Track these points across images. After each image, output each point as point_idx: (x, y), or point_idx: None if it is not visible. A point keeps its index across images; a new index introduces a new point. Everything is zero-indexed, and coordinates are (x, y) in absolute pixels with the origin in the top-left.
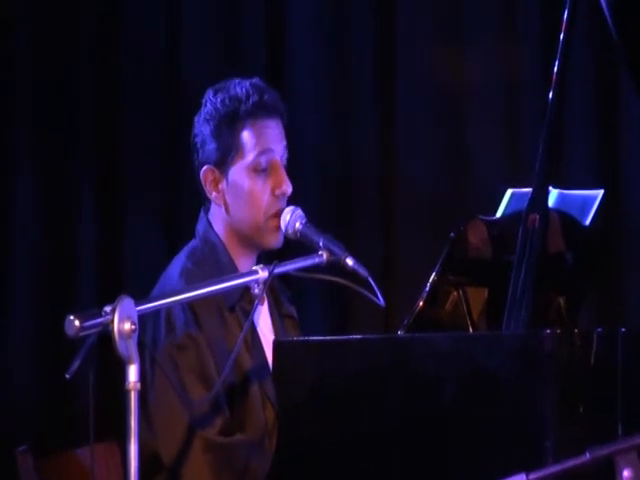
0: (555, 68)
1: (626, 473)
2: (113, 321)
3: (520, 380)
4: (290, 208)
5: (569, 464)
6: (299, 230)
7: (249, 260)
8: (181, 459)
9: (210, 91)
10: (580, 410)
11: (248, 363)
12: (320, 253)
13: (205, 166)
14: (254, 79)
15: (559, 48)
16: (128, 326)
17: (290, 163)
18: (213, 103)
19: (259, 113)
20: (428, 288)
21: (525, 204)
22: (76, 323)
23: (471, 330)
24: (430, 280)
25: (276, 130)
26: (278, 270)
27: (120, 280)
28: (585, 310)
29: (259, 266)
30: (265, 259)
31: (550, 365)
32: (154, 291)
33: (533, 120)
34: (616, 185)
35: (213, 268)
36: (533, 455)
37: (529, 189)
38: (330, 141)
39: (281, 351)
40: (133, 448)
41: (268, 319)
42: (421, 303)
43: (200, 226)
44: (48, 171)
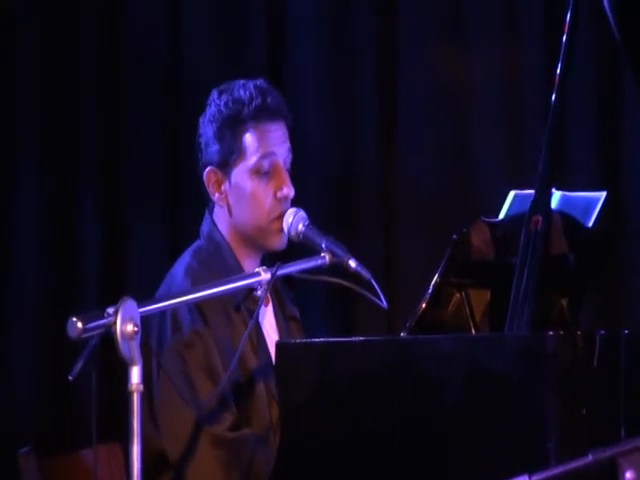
0: (557, 69)
1: (629, 475)
2: (116, 323)
3: (523, 382)
4: (292, 210)
5: (572, 466)
6: (301, 232)
7: (254, 261)
8: (188, 456)
9: (215, 92)
10: (583, 412)
11: (253, 362)
12: (323, 255)
13: (208, 167)
14: (259, 81)
15: (561, 49)
16: (131, 328)
17: (292, 163)
18: (217, 105)
19: (262, 116)
20: (431, 290)
21: (528, 206)
22: (79, 325)
23: (474, 332)
24: (433, 282)
25: (279, 133)
26: (280, 272)
27: (123, 282)
28: (587, 312)
29: (262, 268)
30: (269, 260)
31: (553, 367)
32: (159, 291)
33: (535, 121)
34: (618, 187)
35: (218, 267)
36: (536, 456)
37: (532, 191)
38: (331, 141)
39: (283, 353)
40: (136, 449)
41: (273, 320)
42: (424, 305)
43: (205, 226)
44: (51, 172)
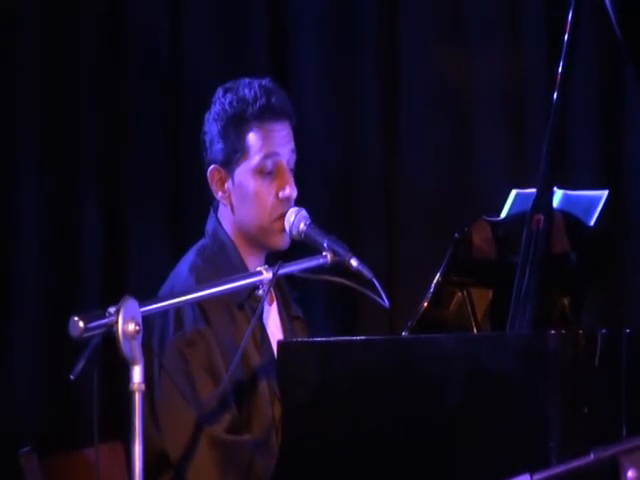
0: (559, 68)
1: (630, 474)
2: (117, 322)
3: (524, 380)
4: (294, 209)
5: (573, 464)
6: (303, 231)
7: (258, 259)
8: (188, 456)
9: (220, 90)
10: (584, 411)
11: (257, 361)
12: (324, 254)
13: (212, 165)
14: (264, 80)
15: (563, 47)
16: (132, 327)
17: (294, 163)
18: (222, 103)
19: (266, 116)
20: (432, 289)
21: (530, 205)
22: (80, 324)
23: (475, 331)
24: (434, 281)
25: (283, 133)
26: (282, 271)
27: (123, 282)
28: (589, 310)
29: (263, 267)
30: (272, 259)
31: (554, 365)
32: (162, 289)
33: (537, 120)
34: (620, 185)
35: (223, 266)
36: (537, 455)
37: (533, 190)
38: (333, 141)
39: (285, 352)
40: (137, 448)
41: (277, 319)
42: (425, 304)
43: (209, 225)
44: (51, 172)
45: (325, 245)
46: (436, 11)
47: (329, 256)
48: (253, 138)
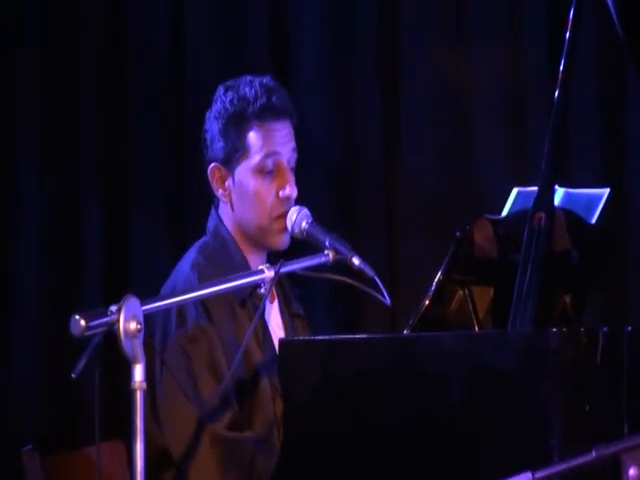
0: (561, 67)
1: (632, 471)
2: (119, 320)
3: (526, 378)
4: (296, 208)
5: (575, 463)
6: (305, 229)
7: (259, 257)
8: (189, 454)
9: (221, 88)
10: (586, 408)
11: (259, 358)
12: (326, 252)
13: (213, 163)
14: (265, 78)
15: (565, 46)
16: (134, 325)
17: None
18: (223, 101)
19: (267, 115)
20: (434, 287)
21: (531, 203)
22: (82, 323)
23: (477, 329)
24: (436, 279)
25: (283, 132)
26: (284, 269)
27: (125, 281)
28: (590, 308)
29: (265, 265)
30: (273, 257)
31: (556, 363)
32: (164, 287)
33: (539, 119)
34: (622, 184)
35: (224, 263)
36: (539, 453)
37: (535, 188)
38: (334, 140)
39: (286, 350)
40: (139, 447)
41: (279, 317)
42: (427, 302)
43: (211, 222)
44: (51, 172)
45: (327, 243)
46: (436, 11)
47: (331, 254)
48: (254, 137)
